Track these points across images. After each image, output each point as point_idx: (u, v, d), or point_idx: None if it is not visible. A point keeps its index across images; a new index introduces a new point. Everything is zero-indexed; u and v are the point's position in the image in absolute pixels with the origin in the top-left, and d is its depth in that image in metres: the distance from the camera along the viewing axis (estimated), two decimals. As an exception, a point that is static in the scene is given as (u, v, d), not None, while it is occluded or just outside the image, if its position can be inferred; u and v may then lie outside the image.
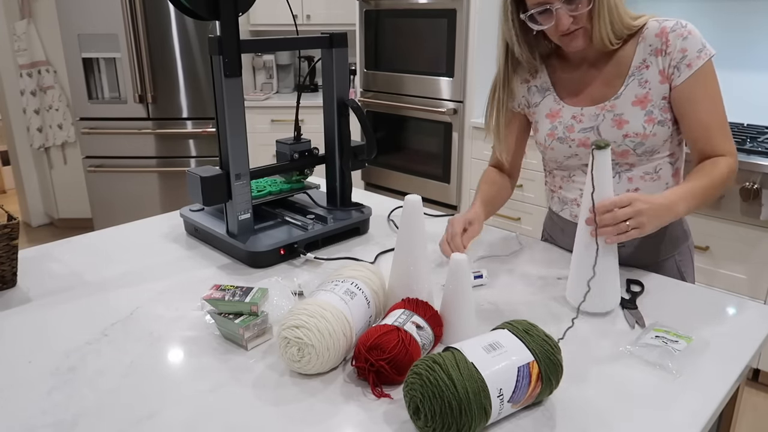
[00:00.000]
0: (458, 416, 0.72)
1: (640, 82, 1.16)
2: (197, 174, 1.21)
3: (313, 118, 3.61)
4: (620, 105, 1.18)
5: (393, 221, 1.53)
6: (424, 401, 0.73)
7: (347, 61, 1.37)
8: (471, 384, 0.73)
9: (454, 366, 0.74)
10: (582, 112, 1.22)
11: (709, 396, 0.83)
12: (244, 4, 1.22)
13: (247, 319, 0.94)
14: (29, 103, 3.80)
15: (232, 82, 1.18)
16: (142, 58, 3.34)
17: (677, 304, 1.09)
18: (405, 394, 0.77)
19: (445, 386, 0.72)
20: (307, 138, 1.44)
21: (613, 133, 1.18)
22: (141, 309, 1.08)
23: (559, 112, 1.26)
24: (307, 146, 1.43)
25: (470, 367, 0.75)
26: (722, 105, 1.14)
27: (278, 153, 1.45)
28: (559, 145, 1.25)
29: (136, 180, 3.56)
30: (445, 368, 0.74)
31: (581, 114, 1.22)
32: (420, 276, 0.99)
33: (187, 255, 1.32)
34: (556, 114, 1.26)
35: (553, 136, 1.26)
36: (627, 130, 1.17)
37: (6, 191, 5.02)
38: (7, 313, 1.07)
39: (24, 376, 0.88)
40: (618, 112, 1.18)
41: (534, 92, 1.31)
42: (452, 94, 3.14)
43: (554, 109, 1.27)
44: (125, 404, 0.82)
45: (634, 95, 1.17)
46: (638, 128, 1.16)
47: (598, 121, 1.20)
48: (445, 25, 3.06)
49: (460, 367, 0.74)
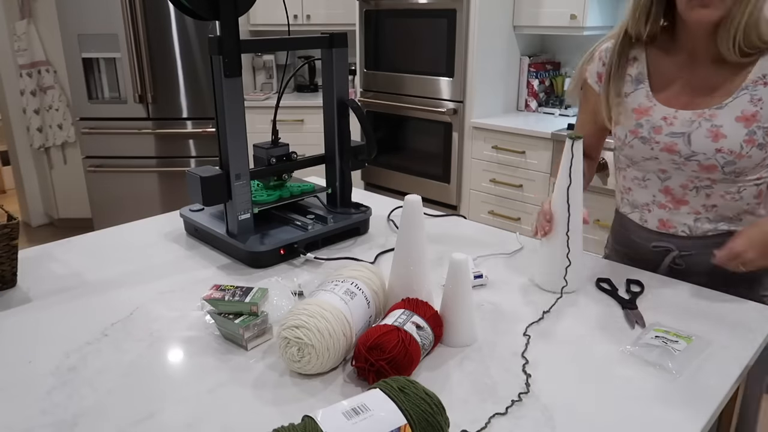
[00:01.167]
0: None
1: (753, 99, 1.06)
2: (197, 174, 1.21)
3: (313, 118, 3.61)
4: (721, 116, 1.07)
5: (393, 221, 1.53)
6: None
7: (347, 61, 1.37)
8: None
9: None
10: (675, 115, 1.12)
11: (709, 396, 0.83)
12: (244, 4, 1.22)
13: (247, 319, 0.94)
14: (29, 103, 3.80)
15: (232, 82, 1.18)
16: (142, 58, 3.34)
17: (677, 304, 1.09)
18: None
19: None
20: (285, 142, 1.40)
21: (705, 144, 1.08)
22: (141, 309, 1.08)
23: (649, 110, 1.15)
24: (285, 150, 1.39)
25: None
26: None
27: (255, 158, 1.40)
28: (640, 145, 1.16)
29: (136, 180, 3.56)
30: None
31: (674, 117, 1.12)
32: (420, 276, 0.99)
33: (187, 255, 1.32)
34: (644, 111, 1.15)
35: (636, 134, 1.16)
36: (722, 145, 1.07)
37: (6, 191, 5.02)
38: (7, 313, 1.07)
39: (24, 376, 0.88)
40: (717, 123, 1.07)
41: (628, 82, 1.19)
42: (452, 94, 3.14)
43: (644, 106, 1.15)
44: (125, 404, 0.82)
45: (740, 110, 1.06)
46: (735, 146, 1.06)
47: (691, 128, 1.10)
48: (445, 25, 3.06)
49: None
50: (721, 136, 1.07)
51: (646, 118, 1.15)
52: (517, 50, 3.27)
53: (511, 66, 3.27)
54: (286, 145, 1.40)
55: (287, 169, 1.42)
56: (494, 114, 3.23)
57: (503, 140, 3.02)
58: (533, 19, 3.04)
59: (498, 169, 3.09)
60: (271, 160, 1.37)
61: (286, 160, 1.40)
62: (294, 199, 1.41)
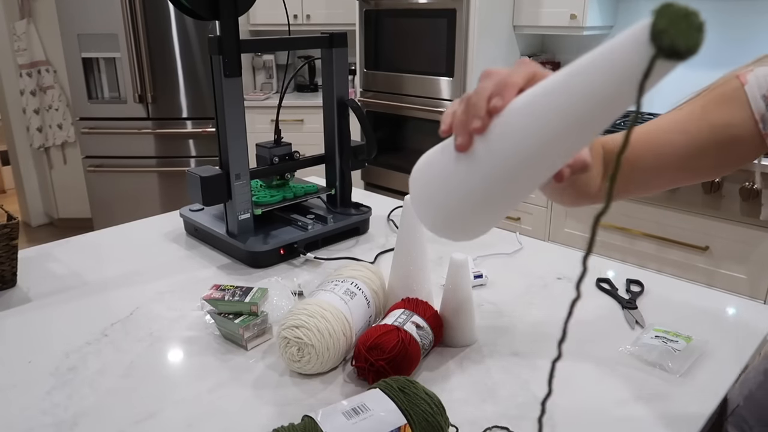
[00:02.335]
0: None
1: None
2: (197, 174, 1.21)
3: (313, 118, 3.61)
4: None
5: (393, 221, 1.53)
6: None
7: (347, 61, 1.37)
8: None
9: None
10: None
11: (709, 396, 0.83)
12: (244, 4, 1.22)
13: (247, 319, 0.94)
14: (29, 103, 3.80)
15: (231, 82, 1.18)
16: (142, 58, 3.34)
17: (677, 304, 1.09)
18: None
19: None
20: (288, 141, 1.40)
21: None
22: (141, 309, 1.08)
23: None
24: (287, 150, 1.39)
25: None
26: None
27: (258, 157, 1.40)
28: None
29: (136, 180, 3.56)
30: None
31: None
32: (420, 276, 0.99)
33: (187, 255, 1.32)
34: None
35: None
36: None
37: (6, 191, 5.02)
38: (7, 313, 1.07)
39: (24, 376, 0.88)
40: None
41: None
42: (452, 94, 3.14)
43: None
44: (125, 404, 0.82)
45: None
46: None
47: None
48: (445, 25, 3.06)
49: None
50: None
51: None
52: (517, 50, 3.27)
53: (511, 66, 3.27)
54: (289, 145, 1.40)
55: (289, 169, 1.42)
56: (494, 114, 3.22)
57: (503, 140, 3.02)
58: (533, 19, 3.04)
59: (498, 169, 3.09)
60: (273, 160, 1.37)
61: (288, 159, 1.40)
62: (297, 200, 1.42)
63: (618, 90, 0.40)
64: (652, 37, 0.37)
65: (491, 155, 0.46)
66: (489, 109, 0.46)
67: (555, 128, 0.43)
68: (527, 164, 0.45)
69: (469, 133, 0.46)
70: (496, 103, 0.45)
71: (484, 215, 0.50)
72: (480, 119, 0.45)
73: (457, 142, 0.47)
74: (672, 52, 0.37)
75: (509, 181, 0.46)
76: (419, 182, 0.54)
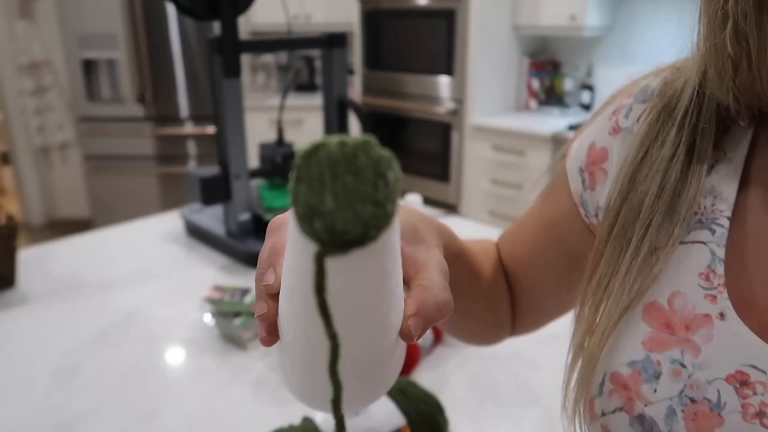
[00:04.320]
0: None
1: None
2: (196, 174, 1.21)
3: (312, 118, 3.61)
4: None
5: (393, 221, 1.52)
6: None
7: (346, 61, 1.37)
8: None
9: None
10: None
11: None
12: (244, 4, 1.22)
13: (246, 320, 0.94)
14: (29, 103, 3.80)
15: (231, 83, 1.18)
16: (142, 58, 3.34)
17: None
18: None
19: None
20: (291, 141, 1.41)
21: None
22: (141, 309, 1.08)
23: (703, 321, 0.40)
24: (290, 149, 1.40)
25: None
26: None
27: (262, 157, 1.41)
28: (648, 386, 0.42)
29: (136, 180, 3.56)
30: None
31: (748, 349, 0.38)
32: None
33: (187, 255, 1.32)
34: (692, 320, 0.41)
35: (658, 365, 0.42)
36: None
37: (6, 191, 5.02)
38: (7, 313, 1.07)
39: (24, 376, 0.88)
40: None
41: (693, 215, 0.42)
42: (452, 94, 3.14)
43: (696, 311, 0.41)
44: (125, 404, 0.82)
45: None
46: None
47: None
48: (444, 25, 3.06)
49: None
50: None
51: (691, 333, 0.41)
52: (517, 50, 3.27)
53: (511, 66, 3.27)
54: (291, 145, 1.42)
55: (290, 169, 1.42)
56: (494, 114, 3.23)
57: (503, 140, 3.02)
58: (533, 19, 3.04)
59: (498, 169, 3.09)
60: (277, 159, 1.38)
61: (292, 158, 1.41)
62: None
63: None
64: (301, 228, 0.24)
65: (283, 343, 0.35)
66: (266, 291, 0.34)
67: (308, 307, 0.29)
68: (314, 344, 0.31)
69: (264, 327, 0.35)
70: (268, 281, 0.34)
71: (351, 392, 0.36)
72: (265, 304, 0.34)
73: None
74: (339, 240, 0.23)
75: (313, 371, 0.34)
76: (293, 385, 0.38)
